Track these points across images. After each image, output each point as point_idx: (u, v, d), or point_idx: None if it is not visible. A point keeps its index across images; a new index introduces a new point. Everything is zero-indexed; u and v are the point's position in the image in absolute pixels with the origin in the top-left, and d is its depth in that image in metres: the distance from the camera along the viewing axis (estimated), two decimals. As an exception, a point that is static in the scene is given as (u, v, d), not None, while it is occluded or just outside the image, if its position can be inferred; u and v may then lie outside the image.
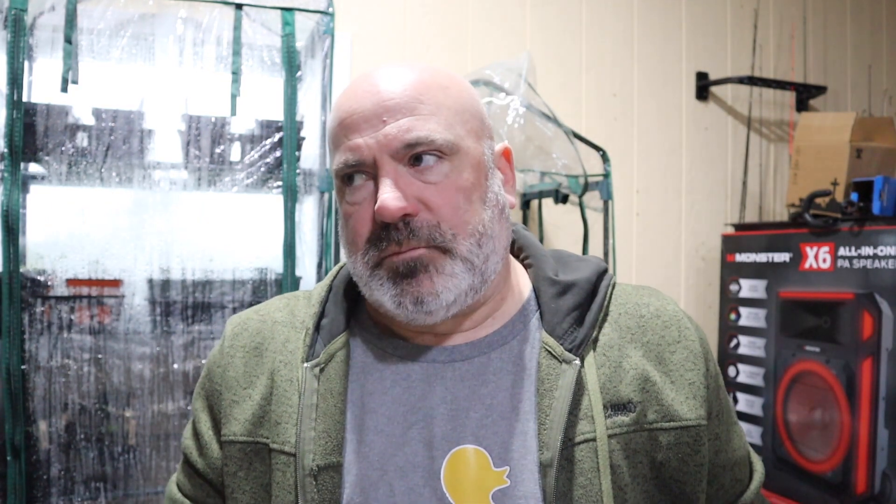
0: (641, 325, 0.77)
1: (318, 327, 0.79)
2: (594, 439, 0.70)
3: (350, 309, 0.81)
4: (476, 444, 0.71)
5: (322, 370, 0.75)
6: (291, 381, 0.75)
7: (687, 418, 0.73)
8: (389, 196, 0.67)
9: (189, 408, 1.72)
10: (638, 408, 0.72)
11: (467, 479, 0.69)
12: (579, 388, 0.71)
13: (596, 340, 0.75)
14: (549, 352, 0.73)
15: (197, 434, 0.81)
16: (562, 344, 0.73)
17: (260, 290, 1.76)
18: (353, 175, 0.71)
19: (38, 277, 1.60)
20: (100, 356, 1.64)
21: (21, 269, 1.52)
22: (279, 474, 0.72)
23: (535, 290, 0.79)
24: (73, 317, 1.62)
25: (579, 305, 0.76)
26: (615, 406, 0.72)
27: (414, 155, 0.69)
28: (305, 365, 0.75)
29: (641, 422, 0.72)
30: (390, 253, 0.69)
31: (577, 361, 0.72)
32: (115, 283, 1.66)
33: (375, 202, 0.68)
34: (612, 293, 0.79)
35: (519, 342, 0.75)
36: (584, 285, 0.77)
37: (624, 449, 0.71)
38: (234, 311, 1.74)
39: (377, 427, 0.72)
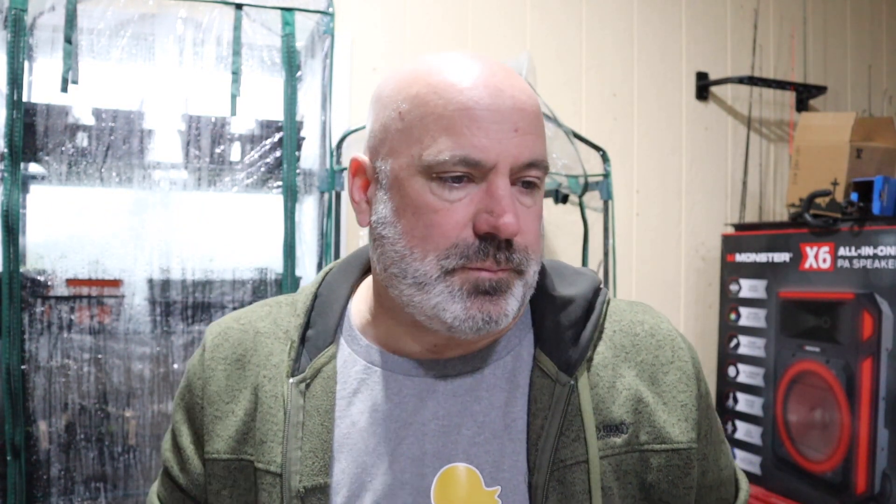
0: (635, 343, 0.76)
1: (303, 339, 0.75)
2: (586, 461, 0.69)
3: (338, 319, 0.77)
4: (467, 462, 0.69)
5: (308, 386, 0.72)
6: (276, 398, 0.73)
7: (678, 441, 0.72)
8: (512, 215, 0.64)
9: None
10: (630, 429, 0.71)
11: (458, 498, 0.68)
12: (572, 408, 0.70)
13: (590, 360, 0.73)
14: (543, 370, 0.72)
15: (178, 448, 0.79)
16: (556, 363, 0.72)
17: (260, 290, 1.76)
18: (450, 171, 0.65)
19: (38, 277, 1.60)
20: (100, 356, 1.64)
21: (21, 269, 1.52)
22: (265, 495, 0.70)
23: (532, 304, 0.77)
24: (73, 317, 1.62)
25: (575, 323, 0.74)
26: (608, 427, 0.71)
27: (524, 175, 0.66)
28: (290, 381, 0.72)
29: (633, 443, 0.71)
30: (480, 267, 0.65)
31: (571, 382, 0.71)
32: (115, 283, 1.66)
33: (474, 206, 0.65)
34: (606, 310, 0.78)
35: (513, 358, 0.74)
36: (581, 302, 0.76)
37: (615, 470, 0.70)
38: (234, 311, 1.74)
39: (366, 446, 0.70)
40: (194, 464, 0.77)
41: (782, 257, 2.29)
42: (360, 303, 0.78)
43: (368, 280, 0.79)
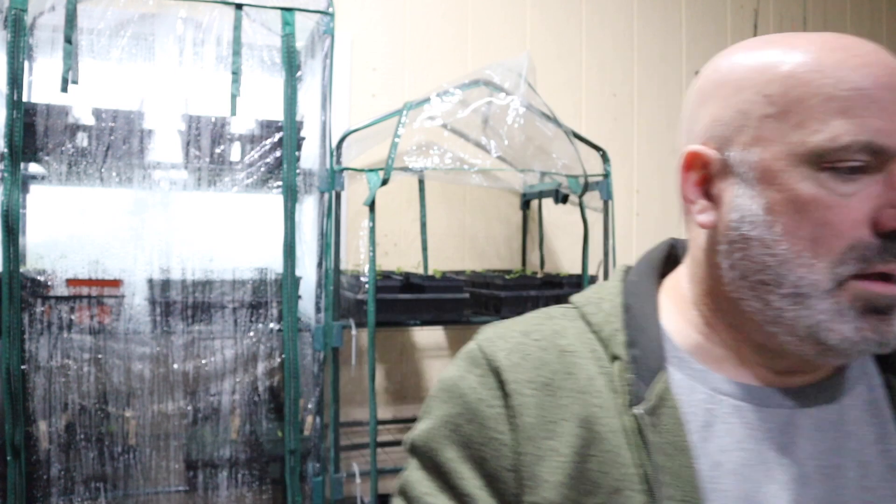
0: None
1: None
2: None
3: (660, 337, 0.65)
4: None
5: (656, 418, 0.60)
6: (615, 433, 0.60)
7: None
8: None
9: (189, 408, 1.72)
10: None
11: None
12: None
13: None
14: None
15: (458, 493, 0.63)
16: None
17: (260, 290, 1.76)
18: (848, 160, 0.55)
19: (38, 277, 1.60)
20: (100, 356, 1.64)
21: (21, 269, 1.52)
22: None
23: None
24: (73, 317, 1.63)
25: None
26: None
27: None
28: (636, 411, 0.60)
29: None
30: (882, 271, 0.56)
31: None
32: (115, 283, 1.66)
33: (871, 201, 0.55)
34: None
35: (867, 387, 0.64)
36: None
37: None
38: (234, 311, 1.74)
39: (742, 491, 0.59)
40: None
41: (782, 257, 2.29)
42: (675, 317, 0.67)
43: (671, 289, 0.69)
